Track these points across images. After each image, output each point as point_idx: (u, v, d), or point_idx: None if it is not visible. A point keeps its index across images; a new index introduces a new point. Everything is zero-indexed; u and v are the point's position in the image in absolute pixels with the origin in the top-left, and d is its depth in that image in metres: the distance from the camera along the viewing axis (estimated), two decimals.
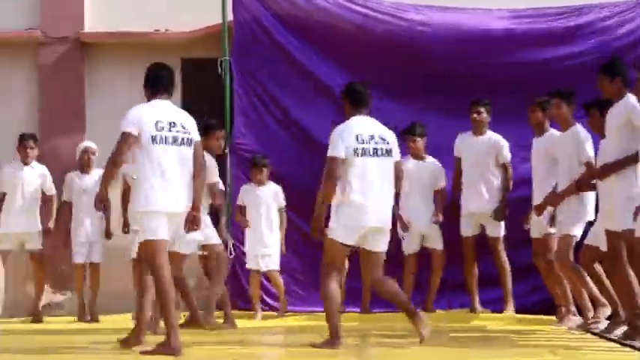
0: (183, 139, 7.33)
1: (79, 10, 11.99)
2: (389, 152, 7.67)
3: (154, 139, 7.25)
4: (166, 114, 7.40)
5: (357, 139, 7.57)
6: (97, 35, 11.96)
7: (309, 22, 11.24)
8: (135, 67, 11.96)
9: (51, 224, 10.77)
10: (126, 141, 7.32)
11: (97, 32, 11.97)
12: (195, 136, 7.44)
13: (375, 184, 7.58)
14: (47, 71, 11.87)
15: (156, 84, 7.61)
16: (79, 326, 10.27)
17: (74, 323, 10.59)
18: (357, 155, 7.54)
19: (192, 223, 7.37)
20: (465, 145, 10.59)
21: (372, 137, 7.62)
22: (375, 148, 7.59)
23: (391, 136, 7.77)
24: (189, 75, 12.16)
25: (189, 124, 7.44)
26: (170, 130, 7.30)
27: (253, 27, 11.30)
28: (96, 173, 10.48)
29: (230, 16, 11.35)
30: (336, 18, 11.21)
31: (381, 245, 7.70)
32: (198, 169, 7.41)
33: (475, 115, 10.50)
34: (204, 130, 8.93)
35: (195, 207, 7.36)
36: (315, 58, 11.30)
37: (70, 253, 10.77)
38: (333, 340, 7.48)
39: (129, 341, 7.71)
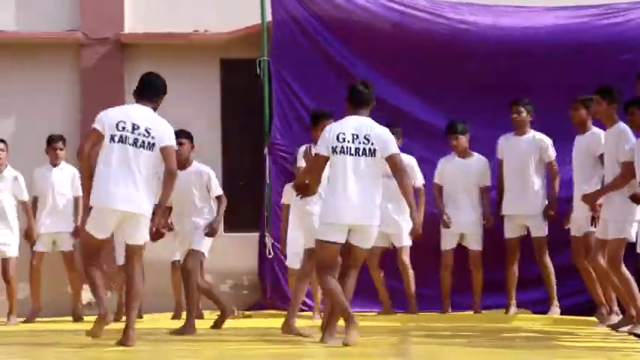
0: (143, 142, 7.58)
1: (119, 11, 12.03)
2: (372, 152, 7.60)
3: (112, 138, 7.58)
4: (133, 116, 7.68)
5: (338, 139, 7.63)
6: (137, 36, 12.00)
7: (348, 22, 11.19)
8: (174, 68, 12.02)
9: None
10: (89, 136, 7.75)
11: (137, 33, 12.00)
12: (163, 142, 7.66)
13: (351, 182, 7.59)
14: (88, 72, 11.92)
15: (137, 90, 7.99)
16: (118, 325, 10.28)
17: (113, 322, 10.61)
18: (336, 154, 7.62)
19: (155, 234, 7.81)
20: (508, 145, 10.47)
21: (356, 137, 7.62)
22: (357, 148, 7.59)
23: (379, 137, 7.63)
24: (227, 75, 12.17)
25: (156, 130, 7.67)
26: (132, 132, 7.59)
27: (292, 27, 11.28)
28: None
29: (269, 17, 11.35)
30: (374, 17, 11.17)
31: (363, 243, 7.71)
32: (167, 175, 7.66)
33: (515, 115, 10.40)
34: (313, 119, 8.97)
35: (156, 211, 7.64)
36: (353, 58, 11.26)
37: (109, 253, 10.76)
38: (349, 321, 7.51)
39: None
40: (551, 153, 10.35)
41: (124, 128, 7.61)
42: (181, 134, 8.97)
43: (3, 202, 10.57)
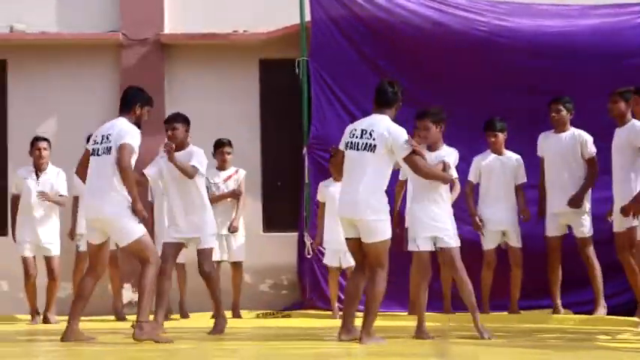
0: (105, 148, 7.99)
1: (159, 12, 12.07)
2: (372, 147, 7.66)
3: (91, 152, 8.11)
4: (103, 129, 8.15)
5: (350, 134, 7.82)
6: (177, 37, 12.03)
7: (387, 21, 11.13)
8: (213, 68, 12.11)
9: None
10: (84, 154, 8.29)
11: (177, 34, 12.03)
12: (118, 142, 7.92)
13: (351, 176, 7.79)
14: (128, 73, 11.96)
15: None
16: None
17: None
18: (347, 149, 7.82)
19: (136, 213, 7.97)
20: (548, 143, 10.35)
21: (365, 132, 7.74)
22: (362, 143, 7.70)
23: (381, 134, 7.67)
24: (266, 75, 12.17)
25: (114, 134, 7.99)
26: (101, 144, 8.04)
27: (331, 27, 11.25)
28: None
29: (308, 17, 11.33)
30: (414, 16, 11.10)
31: (366, 237, 7.74)
32: (120, 172, 7.91)
33: (554, 114, 10.28)
34: None
35: (132, 201, 7.94)
36: (392, 58, 11.21)
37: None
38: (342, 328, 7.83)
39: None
40: (592, 149, 10.21)
41: (95, 142, 8.11)
42: (176, 119, 9.05)
43: (41, 204, 10.60)
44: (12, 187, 11.00)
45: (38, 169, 10.69)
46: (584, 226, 10.20)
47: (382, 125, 7.73)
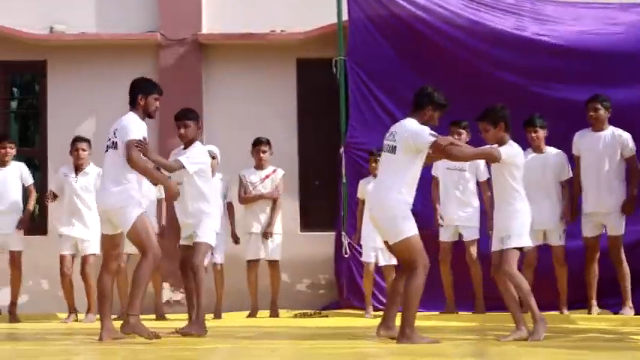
0: (112, 143, 8.07)
1: (197, 12, 12.10)
2: (392, 149, 7.77)
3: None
4: (114, 126, 8.20)
5: (385, 137, 7.95)
6: (214, 37, 12.05)
7: (425, 20, 11.09)
8: (251, 68, 12.12)
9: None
10: None
11: (214, 34, 12.05)
12: (123, 138, 7.96)
13: (377, 179, 8.08)
14: (166, 72, 12.00)
15: None
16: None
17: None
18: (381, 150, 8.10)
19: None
20: (585, 142, 10.23)
21: (390, 135, 7.86)
22: (387, 145, 7.85)
23: (400, 134, 7.72)
24: (304, 75, 12.17)
25: (119, 128, 8.05)
26: (109, 140, 8.16)
27: (368, 26, 11.22)
28: (217, 177, 10.54)
29: (345, 16, 11.31)
30: (452, 15, 11.06)
31: (384, 237, 7.92)
32: (133, 168, 8.00)
33: (592, 113, 10.17)
34: None
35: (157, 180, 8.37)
36: (429, 57, 11.15)
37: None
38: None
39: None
40: (632, 147, 10.10)
41: (108, 139, 8.18)
42: (187, 115, 8.92)
43: (85, 200, 10.68)
44: (51, 185, 11.07)
45: (78, 169, 10.76)
46: (619, 225, 10.11)
47: (405, 127, 7.77)
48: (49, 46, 12.13)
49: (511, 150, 8.01)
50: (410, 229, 7.65)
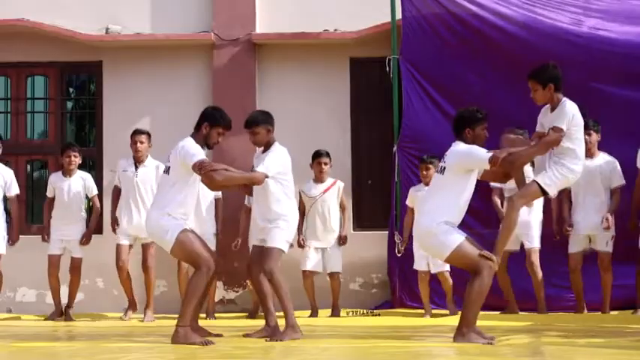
0: (166, 168, 8.19)
1: (251, 12, 12.10)
2: (442, 169, 7.73)
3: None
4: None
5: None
6: (268, 36, 12.04)
7: (480, 18, 10.98)
8: (304, 67, 12.10)
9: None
10: None
11: (268, 33, 12.04)
12: (185, 161, 7.91)
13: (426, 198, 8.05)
14: (220, 72, 12.02)
15: None
16: (249, 323, 10.35)
17: (243, 320, 10.69)
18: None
19: None
20: None
21: (442, 158, 7.87)
22: (439, 166, 7.87)
23: (451, 156, 7.70)
24: (357, 74, 12.11)
25: (173, 154, 8.05)
26: (165, 164, 8.35)
27: (423, 25, 11.12)
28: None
29: (398, 15, 11.23)
30: (504, 16, 10.94)
31: (435, 256, 8.52)
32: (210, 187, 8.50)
33: None
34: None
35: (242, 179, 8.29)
36: (484, 57, 11.02)
37: (242, 251, 10.81)
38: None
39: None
40: None
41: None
42: (252, 122, 8.46)
43: (144, 192, 10.74)
44: (115, 179, 11.13)
45: (137, 161, 10.84)
46: None
47: (454, 149, 7.72)
48: (104, 47, 12.21)
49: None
50: (453, 240, 7.56)
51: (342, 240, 10.84)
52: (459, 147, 7.70)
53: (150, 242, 10.55)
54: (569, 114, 7.61)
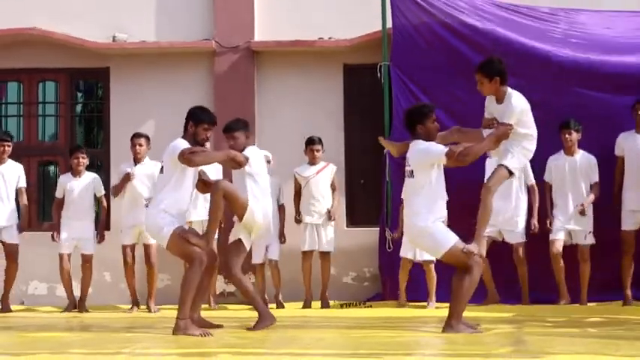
0: (161, 168, 8.20)
1: (250, 21, 12.18)
2: (410, 173, 7.82)
3: None
4: None
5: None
6: (267, 44, 12.14)
7: (467, 26, 11.08)
8: (300, 73, 12.17)
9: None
10: None
11: (267, 41, 12.14)
12: (170, 156, 8.06)
13: (405, 203, 8.12)
14: (221, 78, 12.11)
15: None
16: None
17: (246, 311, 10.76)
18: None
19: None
20: (628, 143, 10.27)
21: (407, 160, 7.96)
22: (406, 171, 7.94)
23: (412, 157, 7.84)
24: (350, 80, 12.21)
25: (165, 154, 8.17)
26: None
27: (412, 32, 11.20)
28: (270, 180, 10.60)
29: (389, 24, 11.33)
30: (495, 23, 11.04)
31: (429, 254, 8.76)
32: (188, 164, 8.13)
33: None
34: None
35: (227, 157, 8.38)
36: (472, 62, 11.07)
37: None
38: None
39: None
40: None
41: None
42: (232, 127, 8.60)
43: (144, 190, 10.80)
44: (113, 181, 11.25)
45: (136, 162, 10.97)
46: None
47: (413, 150, 7.88)
48: (111, 54, 12.31)
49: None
50: (448, 240, 7.69)
51: (331, 216, 10.99)
52: (417, 146, 7.82)
53: (151, 243, 10.71)
54: (517, 108, 7.71)
